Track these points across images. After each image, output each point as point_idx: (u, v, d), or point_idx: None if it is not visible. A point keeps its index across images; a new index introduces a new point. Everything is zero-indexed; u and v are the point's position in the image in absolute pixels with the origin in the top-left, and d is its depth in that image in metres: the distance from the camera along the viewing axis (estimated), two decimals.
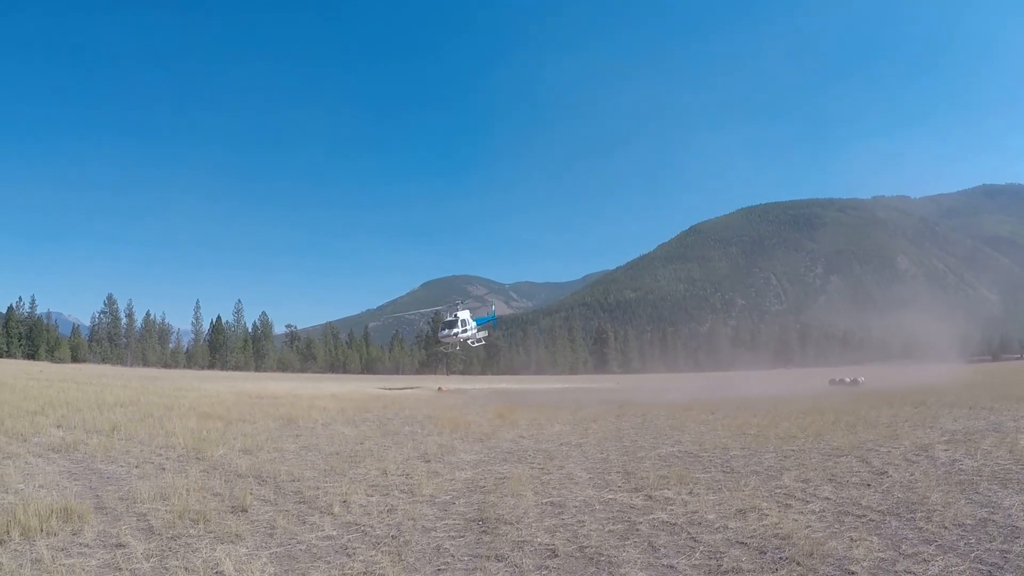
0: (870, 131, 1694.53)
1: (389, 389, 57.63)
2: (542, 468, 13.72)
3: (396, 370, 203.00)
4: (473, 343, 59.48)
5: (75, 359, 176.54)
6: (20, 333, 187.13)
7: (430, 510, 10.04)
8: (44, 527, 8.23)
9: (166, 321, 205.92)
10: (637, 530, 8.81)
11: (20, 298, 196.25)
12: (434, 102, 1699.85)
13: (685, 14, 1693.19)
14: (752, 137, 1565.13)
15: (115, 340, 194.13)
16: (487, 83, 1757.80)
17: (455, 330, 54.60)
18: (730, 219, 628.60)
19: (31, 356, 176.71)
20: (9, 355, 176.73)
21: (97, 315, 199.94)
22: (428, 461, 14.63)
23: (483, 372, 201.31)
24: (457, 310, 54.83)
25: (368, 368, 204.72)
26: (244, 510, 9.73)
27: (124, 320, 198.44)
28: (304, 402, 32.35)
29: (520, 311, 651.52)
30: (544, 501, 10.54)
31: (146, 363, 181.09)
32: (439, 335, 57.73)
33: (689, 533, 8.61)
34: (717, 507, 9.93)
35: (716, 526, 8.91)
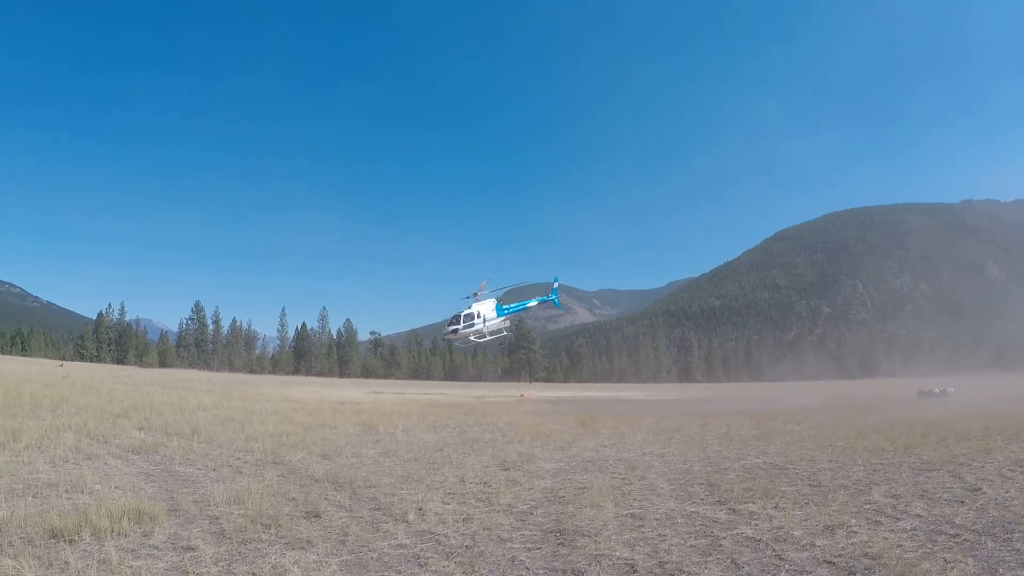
0: (959, 134, 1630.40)
1: (471, 396, 57.79)
2: (623, 478, 13.49)
3: (479, 377, 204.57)
4: (483, 338, 52.06)
5: (163, 364, 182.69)
6: (110, 339, 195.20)
7: (507, 520, 9.89)
8: (115, 528, 8.34)
9: (252, 328, 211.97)
10: (720, 546, 8.50)
11: (110, 305, 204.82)
12: (510, 107, 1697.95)
13: (770, 19, 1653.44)
14: (838, 141, 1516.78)
15: (202, 345, 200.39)
16: (566, 89, 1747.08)
17: (459, 326, 48.45)
18: (815, 225, 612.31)
19: (120, 361, 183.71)
20: (99, 360, 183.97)
21: (185, 321, 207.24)
22: (507, 469, 14.52)
23: (566, 380, 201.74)
24: (473, 301, 48.65)
25: (451, 375, 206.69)
26: (317, 516, 9.72)
27: (211, 326, 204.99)
28: (385, 408, 32.65)
29: (603, 319, 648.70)
30: (624, 513, 10.30)
31: (232, 368, 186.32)
32: (446, 331, 51.14)
33: (774, 550, 8.26)
34: (804, 523, 9.57)
35: (803, 543, 8.56)
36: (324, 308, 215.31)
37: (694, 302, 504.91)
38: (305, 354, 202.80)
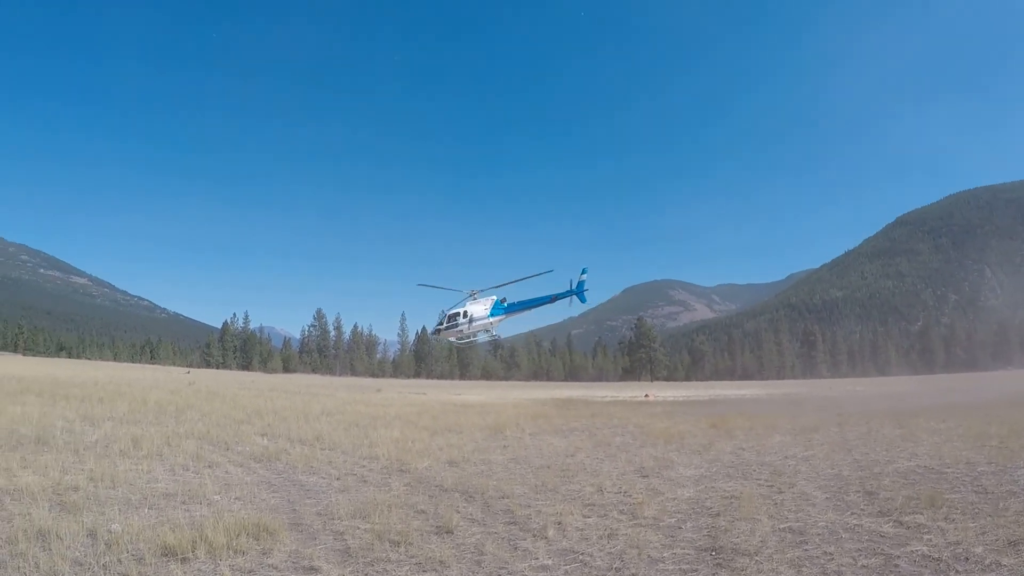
0: None
1: (595, 397, 56.94)
2: (770, 485, 12.50)
3: (599, 377, 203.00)
4: (463, 340, 47.86)
5: (286, 370, 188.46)
6: (235, 346, 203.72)
7: (655, 536, 9.04)
8: (232, 545, 7.88)
9: (373, 332, 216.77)
10: (896, 566, 7.47)
11: (234, 314, 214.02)
12: (621, 103, 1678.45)
13: None
14: (958, 114, 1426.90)
15: (324, 351, 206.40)
16: (679, 82, 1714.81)
17: (442, 327, 44.89)
18: (938, 207, 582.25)
19: (245, 367, 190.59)
20: (225, 366, 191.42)
21: (307, 328, 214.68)
22: (646, 476, 13.66)
23: (687, 378, 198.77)
24: (466, 302, 45.18)
25: (571, 375, 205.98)
26: (449, 531, 9.08)
27: (332, 332, 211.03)
28: (509, 411, 32.08)
29: (723, 314, 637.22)
30: (781, 527, 9.34)
31: (354, 373, 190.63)
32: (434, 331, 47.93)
33: (957, 571, 7.17)
34: (981, 537, 8.41)
35: (987, 562, 7.45)
36: (443, 311, 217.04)
37: (815, 294, 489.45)
38: (425, 357, 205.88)
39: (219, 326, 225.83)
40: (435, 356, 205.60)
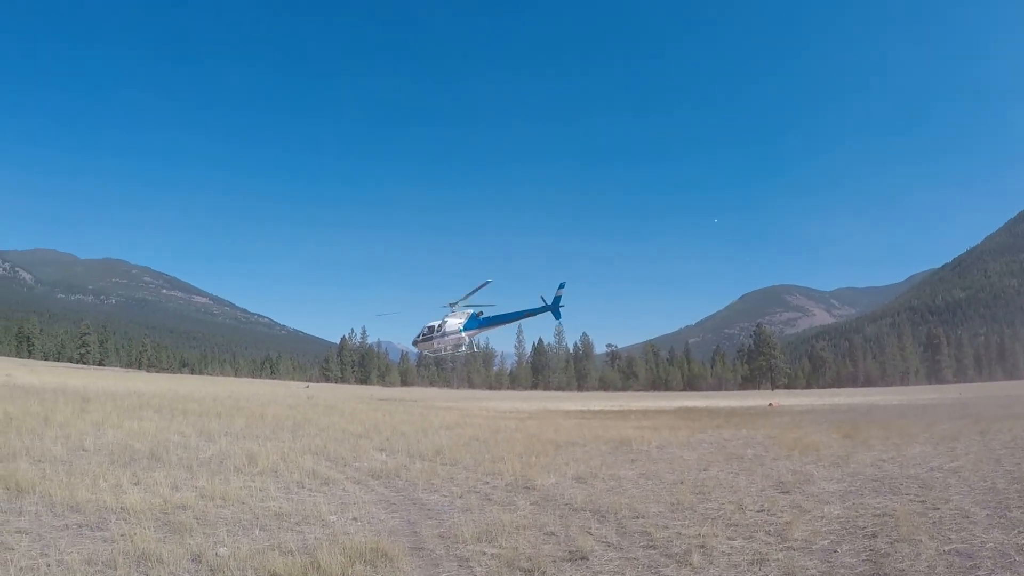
0: None
1: (717, 406, 55.51)
2: (922, 501, 11.32)
3: (718, 386, 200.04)
4: (436, 354, 51.34)
5: (404, 383, 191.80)
6: (353, 361, 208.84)
7: (809, 561, 8.09)
8: (347, 573, 7.22)
9: (490, 345, 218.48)
10: None
11: (352, 330, 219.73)
12: (734, 96, 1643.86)
13: None
14: None
15: (441, 364, 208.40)
16: (790, 73, 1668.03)
17: (419, 339, 47.69)
18: None
19: (363, 381, 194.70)
20: (343, 381, 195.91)
21: None
22: (786, 492, 12.59)
23: (808, 386, 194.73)
24: (449, 312, 47.31)
25: (690, 385, 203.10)
26: (583, 557, 8.25)
27: None
28: (631, 422, 31.04)
29: (842, 319, 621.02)
30: (946, 549, 8.29)
31: (471, 385, 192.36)
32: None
33: None
34: None
35: None
36: (559, 323, 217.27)
37: (937, 295, 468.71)
38: (542, 369, 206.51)
39: (337, 341, 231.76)
40: (551, 367, 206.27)
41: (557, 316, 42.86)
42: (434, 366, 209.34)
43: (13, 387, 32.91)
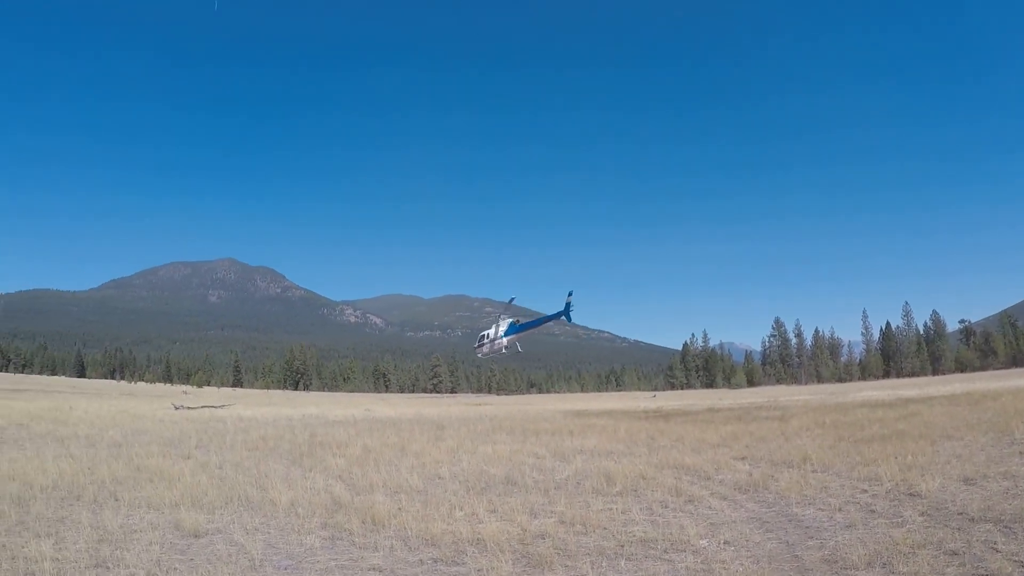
0: None
1: None
2: None
3: None
4: (488, 356, 55.58)
5: (750, 383, 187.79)
6: (696, 365, 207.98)
7: None
8: None
9: (835, 335, 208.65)
10: None
11: (693, 335, 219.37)
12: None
13: None
14: None
15: (787, 360, 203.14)
16: None
17: (477, 345, 53.31)
18: None
19: (709, 385, 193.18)
20: (688, 386, 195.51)
21: (767, 339, 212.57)
22: None
23: None
24: (499, 320, 52.15)
25: None
26: None
27: (793, 340, 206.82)
28: (988, 404, 26.96)
29: None
30: None
31: (819, 379, 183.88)
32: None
33: None
34: None
35: None
36: (907, 303, 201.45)
37: None
38: (893, 355, 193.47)
39: (679, 348, 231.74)
40: (903, 352, 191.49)
41: (569, 319, 46.33)
42: (779, 363, 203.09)
43: (372, 420, 35.23)
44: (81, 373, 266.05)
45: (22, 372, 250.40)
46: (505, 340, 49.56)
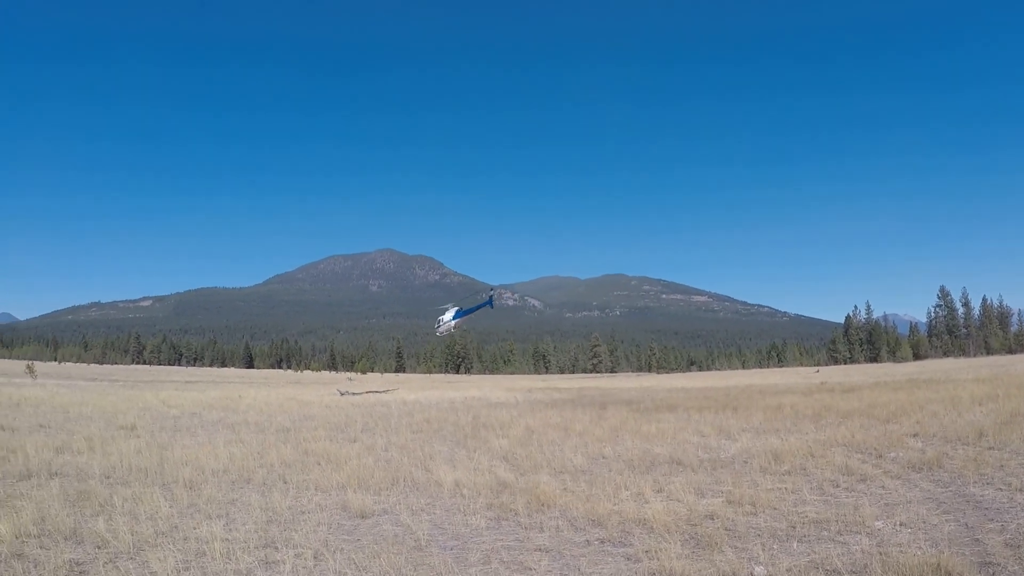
0: None
1: None
2: None
3: None
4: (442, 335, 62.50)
5: (916, 357, 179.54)
6: (860, 339, 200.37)
7: None
8: None
9: (1004, 304, 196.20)
10: None
11: (856, 306, 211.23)
12: None
13: None
14: None
15: (954, 331, 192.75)
16: None
17: (436, 325, 56.95)
18: None
19: (873, 359, 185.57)
20: (852, 361, 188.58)
21: (932, 309, 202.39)
22: None
23: None
24: (447, 309, 56.92)
25: None
26: None
27: (960, 310, 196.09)
28: None
29: None
30: None
31: (988, 351, 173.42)
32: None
33: None
34: None
35: None
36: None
37: None
38: None
39: (841, 321, 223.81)
40: None
41: (491, 306, 54.89)
42: (947, 335, 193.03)
43: (533, 401, 35.64)
44: (249, 364, 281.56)
45: (194, 365, 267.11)
46: (453, 323, 55.24)
